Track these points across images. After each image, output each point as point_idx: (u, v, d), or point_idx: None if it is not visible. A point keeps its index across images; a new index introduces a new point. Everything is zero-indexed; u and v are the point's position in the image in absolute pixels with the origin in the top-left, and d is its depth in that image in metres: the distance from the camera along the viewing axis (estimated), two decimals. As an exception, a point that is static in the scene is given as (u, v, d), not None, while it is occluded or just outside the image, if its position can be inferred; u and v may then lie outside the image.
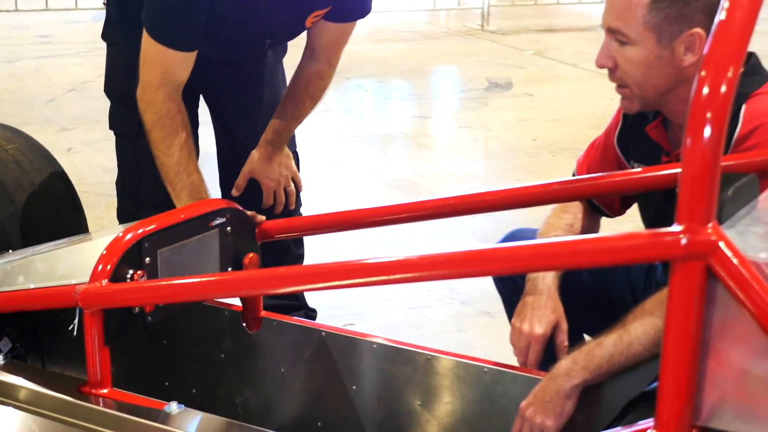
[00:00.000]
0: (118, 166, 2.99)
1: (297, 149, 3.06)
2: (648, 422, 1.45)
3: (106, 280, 1.96)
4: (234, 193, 2.87)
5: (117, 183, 3.02)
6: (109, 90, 2.95)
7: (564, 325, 2.18)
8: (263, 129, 2.85)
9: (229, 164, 3.03)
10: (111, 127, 2.96)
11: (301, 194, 3.03)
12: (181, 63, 2.58)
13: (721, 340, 1.40)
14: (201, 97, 3.02)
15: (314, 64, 2.83)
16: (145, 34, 2.56)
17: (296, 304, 3.10)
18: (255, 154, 2.85)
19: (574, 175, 2.43)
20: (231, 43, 2.76)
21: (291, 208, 2.94)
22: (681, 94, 2.10)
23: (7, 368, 2.06)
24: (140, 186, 2.87)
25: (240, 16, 2.60)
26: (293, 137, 3.00)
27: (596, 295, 2.38)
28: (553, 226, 2.37)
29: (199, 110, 3.01)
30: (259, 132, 2.87)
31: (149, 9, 2.57)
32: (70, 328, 1.99)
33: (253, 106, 2.99)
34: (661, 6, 2.04)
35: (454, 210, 2.37)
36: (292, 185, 2.94)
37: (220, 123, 3.07)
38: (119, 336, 2.00)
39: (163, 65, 2.56)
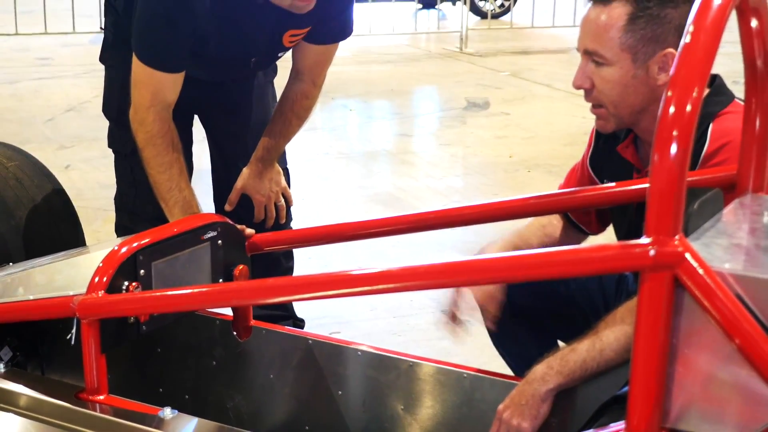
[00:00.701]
0: (117, 182, 2.98)
1: (288, 166, 3.06)
2: (619, 425, 1.46)
3: (103, 291, 1.95)
4: (227, 207, 2.87)
5: (115, 198, 3.02)
6: (106, 110, 2.95)
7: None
8: (254, 147, 2.85)
9: (222, 180, 3.03)
10: (109, 146, 2.95)
11: (291, 208, 3.03)
12: (170, 84, 2.57)
13: (688, 346, 1.41)
14: (196, 116, 3.02)
15: (299, 85, 2.83)
16: (134, 57, 2.56)
17: (285, 314, 3.10)
18: (246, 170, 2.85)
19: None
20: (218, 63, 2.75)
21: (281, 222, 2.94)
22: (654, 112, 2.08)
23: (8, 376, 2.05)
24: (136, 201, 2.86)
25: (222, 36, 2.59)
26: (284, 154, 2.99)
27: (570, 303, 2.39)
28: (522, 232, 2.39)
29: (194, 128, 3.01)
30: (250, 149, 2.87)
31: (137, 34, 2.57)
32: (68, 338, 1.98)
33: (244, 125, 2.99)
34: (636, 27, 2.05)
35: (434, 223, 2.37)
36: (283, 200, 2.94)
37: (214, 141, 3.07)
38: (115, 345, 1.99)
39: (152, 87, 2.56)
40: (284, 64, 2.92)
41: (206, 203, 2.88)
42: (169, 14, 2.52)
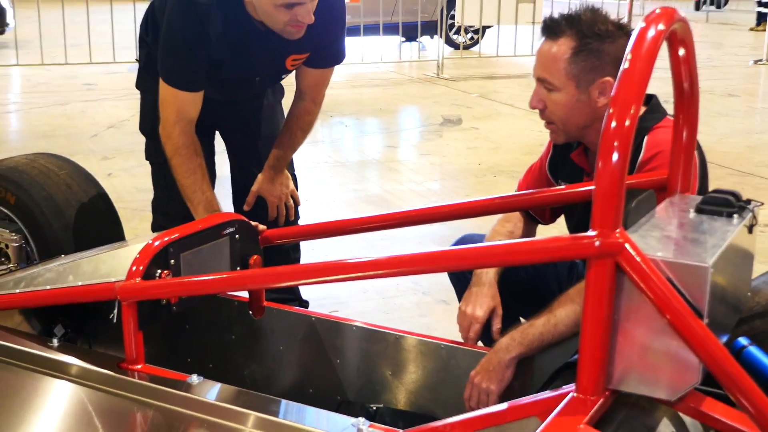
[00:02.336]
0: (153, 187, 2.97)
1: (295, 172, 3.05)
2: (571, 387, 1.46)
3: (140, 278, 1.95)
4: (245, 208, 2.86)
5: (152, 202, 3.00)
6: (142, 127, 2.93)
7: (499, 311, 2.18)
8: (266, 157, 2.84)
9: (240, 185, 3.02)
10: (146, 158, 2.94)
11: (298, 208, 3.02)
12: (191, 102, 2.56)
13: (627, 321, 1.41)
14: (217, 132, 3.01)
15: (302, 103, 2.82)
16: (161, 81, 2.55)
17: (292, 297, 3.09)
18: (260, 176, 2.84)
19: (516, 191, 2.44)
20: (228, 82, 2.73)
21: (290, 219, 2.93)
22: (597, 128, 2.10)
23: (61, 349, 2.04)
24: (169, 203, 2.84)
25: (233, 59, 2.58)
26: (292, 162, 2.98)
27: (530, 286, 2.39)
28: (497, 232, 2.38)
29: (216, 142, 3.00)
30: (262, 159, 2.86)
31: (162, 60, 2.57)
32: (110, 317, 1.97)
33: (257, 139, 2.97)
34: (579, 60, 2.06)
35: (416, 220, 2.37)
36: (291, 201, 2.93)
37: (232, 152, 3.06)
38: (150, 322, 1.98)
39: (176, 105, 2.55)
40: (291, 88, 2.91)
41: (227, 204, 2.87)
42: (187, 42, 2.51)
